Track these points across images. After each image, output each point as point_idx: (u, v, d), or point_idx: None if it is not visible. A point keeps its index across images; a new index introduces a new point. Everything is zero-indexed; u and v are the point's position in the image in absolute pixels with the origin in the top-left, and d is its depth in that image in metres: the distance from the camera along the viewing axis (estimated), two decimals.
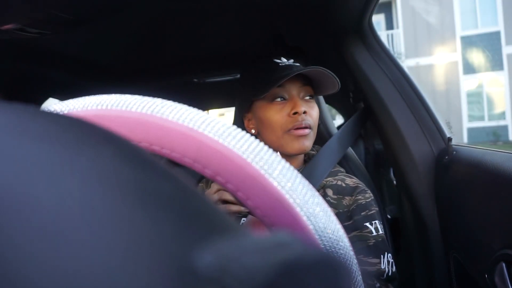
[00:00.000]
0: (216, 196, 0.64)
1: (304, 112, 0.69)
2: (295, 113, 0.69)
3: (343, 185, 0.74)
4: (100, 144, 0.12)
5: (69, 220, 0.09)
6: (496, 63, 10.02)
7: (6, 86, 1.23)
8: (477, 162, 0.61)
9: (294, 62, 0.74)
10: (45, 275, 0.08)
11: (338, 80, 0.71)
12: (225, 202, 0.65)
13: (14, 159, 0.10)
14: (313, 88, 0.75)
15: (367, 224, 0.68)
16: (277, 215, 0.21)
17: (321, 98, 0.94)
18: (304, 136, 0.70)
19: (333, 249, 0.21)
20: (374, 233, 0.67)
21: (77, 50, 1.06)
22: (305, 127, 0.69)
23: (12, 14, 0.68)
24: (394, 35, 10.82)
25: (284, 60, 0.74)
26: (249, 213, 0.67)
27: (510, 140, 9.74)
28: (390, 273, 0.65)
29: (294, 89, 0.72)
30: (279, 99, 0.72)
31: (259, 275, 0.09)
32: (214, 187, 0.68)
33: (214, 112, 5.40)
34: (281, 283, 0.10)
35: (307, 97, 0.73)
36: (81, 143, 0.11)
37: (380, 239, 0.67)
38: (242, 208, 0.65)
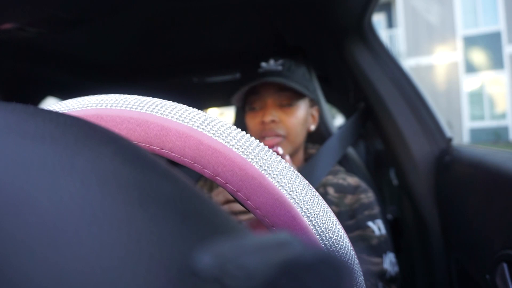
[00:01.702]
0: (226, 209, 0.62)
1: (274, 121, 0.69)
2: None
3: (345, 183, 0.74)
4: (100, 144, 0.12)
5: (68, 221, 0.09)
6: (497, 63, 10.01)
7: (6, 86, 1.24)
8: (478, 162, 0.61)
9: (281, 64, 0.73)
10: (45, 275, 0.08)
11: (296, 87, 0.69)
12: (235, 213, 0.63)
13: (13, 159, 0.10)
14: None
15: (370, 223, 0.68)
16: (277, 215, 0.21)
17: (321, 97, 0.94)
18: (273, 146, 0.69)
19: (333, 249, 0.21)
20: (377, 233, 0.67)
21: (77, 50, 1.06)
22: (277, 135, 0.69)
23: (12, 13, 0.68)
24: (394, 34, 10.82)
25: (271, 63, 0.74)
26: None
27: (511, 140, 9.73)
28: (392, 273, 0.64)
29: (268, 97, 0.71)
30: (254, 107, 0.73)
31: (259, 275, 0.09)
32: (220, 198, 0.64)
33: (213, 112, 5.40)
34: (281, 283, 0.10)
35: (285, 104, 0.71)
36: (81, 143, 0.11)
37: (383, 239, 0.67)
38: (251, 215, 0.63)
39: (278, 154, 0.61)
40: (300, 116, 0.72)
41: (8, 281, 0.07)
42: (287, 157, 0.66)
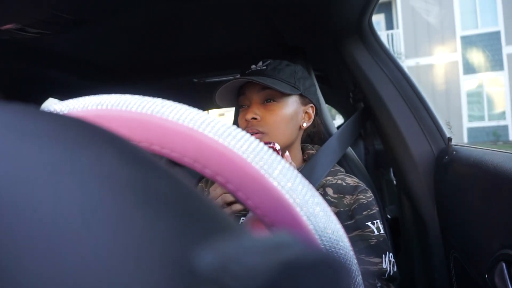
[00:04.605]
0: (220, 200, 0.63)
1: (255, 118, 0.71)
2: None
3: (344, 184, 0.74)
4: (100, 144, 0.12)
5: (69, 221, 0.09)
6: (496, 63, 10.02)
7: (6, 86, 1.24)
8: (477, 162, 0.61)
9: (266, 65, 0.75)
10: (46, 275, 0.08)
11: (267, 83, 0.70)
12: (230, 203, 0.64)
13: (14, 159, 0.10)
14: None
15: (369, 223, 0.68)
16: (277, 215, 0.21)
17: (321, 97, 0.94)
18: (270, 142, 0.71)
19: (333, 249, 0.21)
20: (376, 233, 0.67)
21: (77, 50, 1.06)
22: (258, 132, 0.71)
23: (12, 14, 0.68)
24: (394, 35, 10.82)
25: (259, 64, 0.76)
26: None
27: (510, 140, 9.73)
28: (391, 273, 0.65)
29: (252, 96, 0.74)
30: (243, 106, 0.76)
31: (259, 275, 0.10)
32: (218, 191, 0.65)
33: (214, 112, 5.40)
34: (281, 283, 0.10)
35: (268, 101, 0.73)
36: (81, 144, 0.11)
37: (381, 239, 0.67)
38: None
39: (274, 149, 0.62)
40: (284, 113, 0.73)
41: (9, 282, 0.08)
42: (287, 153, 0.67)
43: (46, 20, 0.72)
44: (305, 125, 0.78)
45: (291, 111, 0.74)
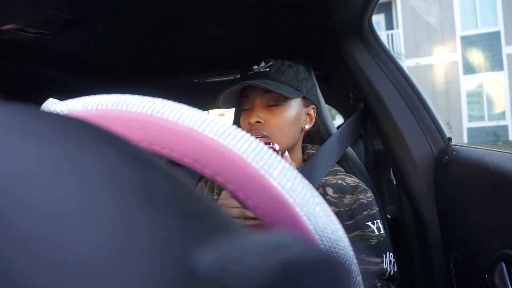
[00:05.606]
0: (237, 213, 0.60)
1: (259, 122, 0.71)
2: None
3: (344, 184, 0.74)
4: (100, 144, 0.12)
5: (69, 221, 0.09)
6: (496, 63, 10.02)
7: (6, 86, 1.24)
8: (477, 162, 0.61)
9: (269, 66, 0.74)
10: (46, 275, 0.08)
11: (272, 88, 0.69)
12: (246, 218, 0.61)
13: (14, 159, 0.10)
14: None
15: (369, 223, 0.68)
16: (277, 215, 0.21)
17: (321, 97, 0.94)
18: (269, 143, 0.70)
19: (333, 249, 0.21)
20: (376, 233, 0.67)
21: (77, 50, 1.06)
22: (262, 136, 0.71)
23: (13, 14, 0.68)
24: (394, 35, 10.82)
25: (262, 65, 0.75)
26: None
27: (510, 140, 9.74)
28: (392, 273, 0.65)
29: (255, 98, 0.73)
30: (245, 108, 0.75)
31: (259, 275, 0.10)
32: (233, 203, 0.61)
33: (214, 112, 5.40)
34: (281, 283, 0.10)
35: (272, 105, 0.73)
36: (81, 144, 0.11)
37: (382, 239, 0.67)
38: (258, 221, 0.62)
39: (274, 150, 0.61)
40: (288, 116, 0.72)
41: (9, 282, 0.08)
42: (286, 153, 0.67)
43: (46, 20, 0.72)
44: (307, 126, 0.78)
45: (294, 114, 0.73)
